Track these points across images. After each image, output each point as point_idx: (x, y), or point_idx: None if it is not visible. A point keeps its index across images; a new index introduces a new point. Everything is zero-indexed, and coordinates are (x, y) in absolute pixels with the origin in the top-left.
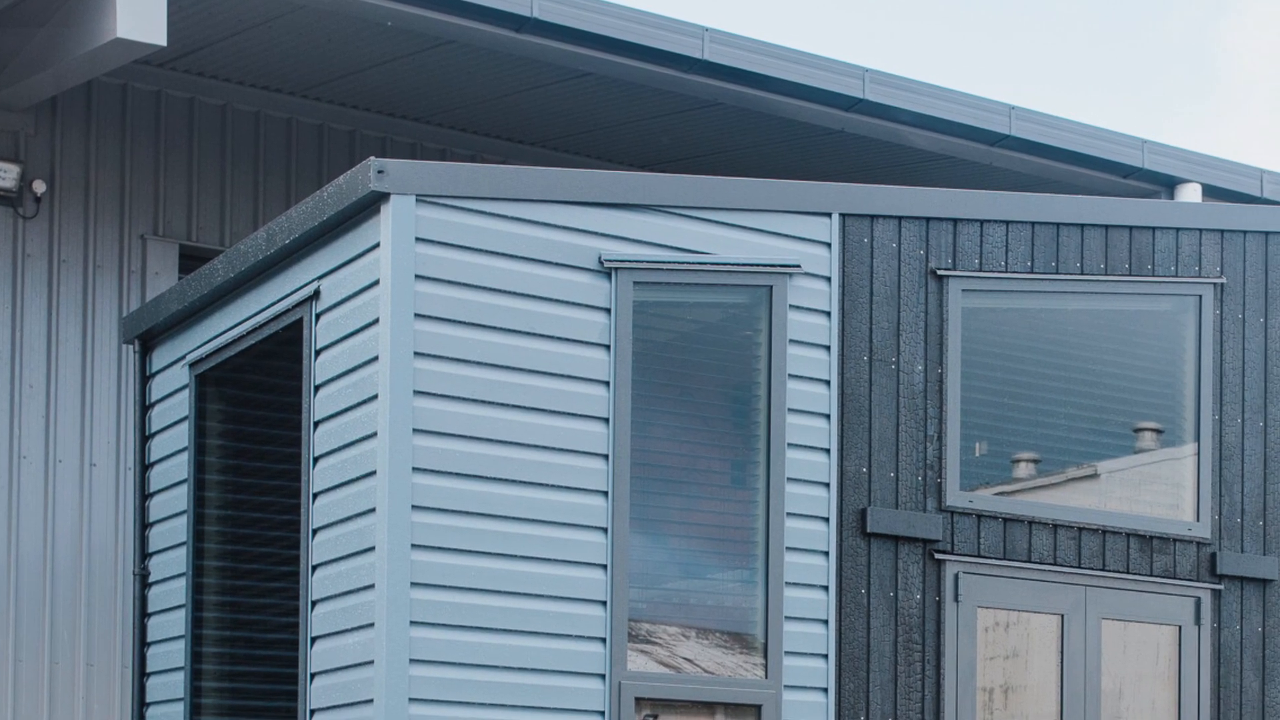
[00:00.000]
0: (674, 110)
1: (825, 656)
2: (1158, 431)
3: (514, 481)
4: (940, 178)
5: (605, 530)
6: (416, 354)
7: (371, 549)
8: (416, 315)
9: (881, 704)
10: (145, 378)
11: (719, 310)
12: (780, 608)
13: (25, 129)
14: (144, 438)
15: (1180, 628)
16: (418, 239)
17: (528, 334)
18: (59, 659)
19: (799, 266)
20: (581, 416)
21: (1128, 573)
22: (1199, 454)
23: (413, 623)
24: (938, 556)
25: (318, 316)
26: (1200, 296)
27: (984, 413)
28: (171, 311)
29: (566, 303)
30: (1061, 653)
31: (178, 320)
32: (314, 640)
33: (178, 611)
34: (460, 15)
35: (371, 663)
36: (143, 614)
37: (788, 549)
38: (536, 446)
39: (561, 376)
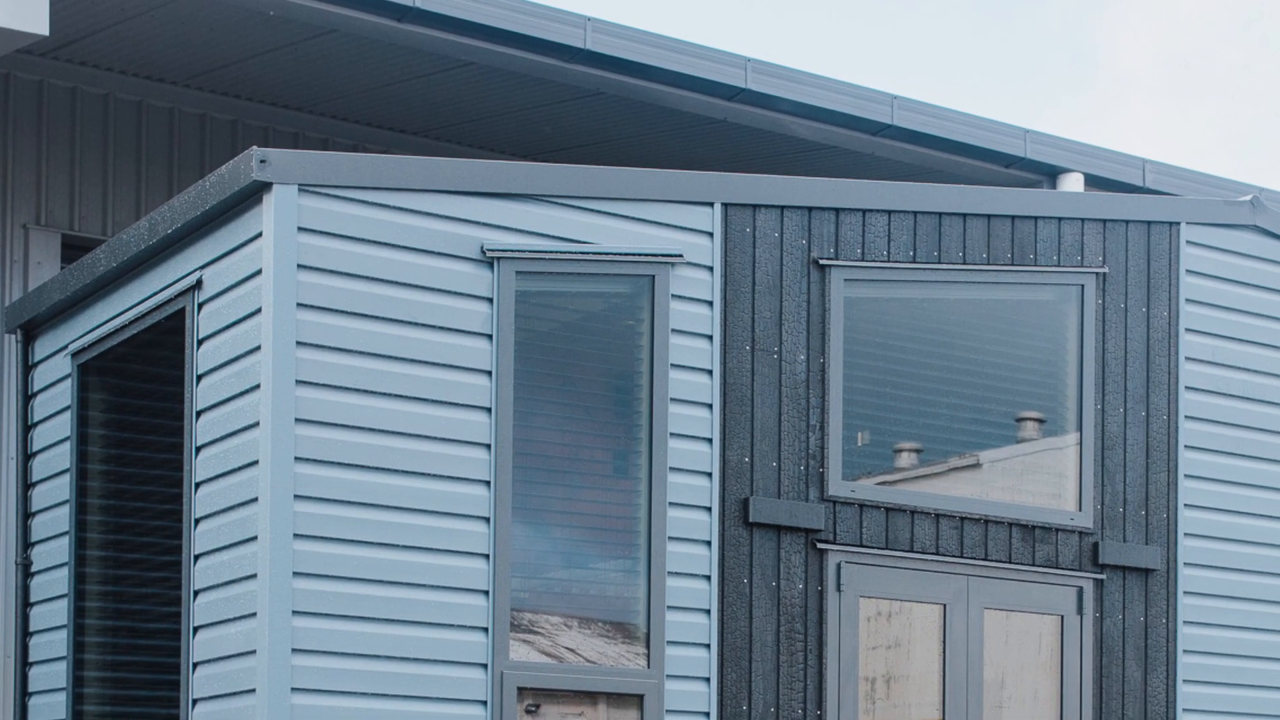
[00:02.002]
0: (557, 100)
1: (707, 646)
2: (1040, 421)
3: (396, 471)
4: (823, 167)
5: (487, 520)
6: (299, 343)
7: (254, 538)
8: (299, 305)
9: (764, 694)
10: (27, 367)
11: (601, 300)
12: (662, 597)
13: None
14: (26, 427)
15: (1063, 617)
16: (300, 228)
17: (410, 324)
18: None
19: (681, 256)
20: (464, 406)
21: (1010, 562)
22: (1081, 443)
23: (295, 612)
24: (820, 546)
25: (200, 306)
26: (1082, 286)
27: (866, 402)
28: (54, 301)
29: (449, 292)
30: (944, 642)
31: (60, 310)
32: (196, 630)
33: (60, 601)
34: (342, 4)
35: (254, 652)
36: (25, 604)
37: (670, 538)
38: (419, 436)
39: (444, 366)
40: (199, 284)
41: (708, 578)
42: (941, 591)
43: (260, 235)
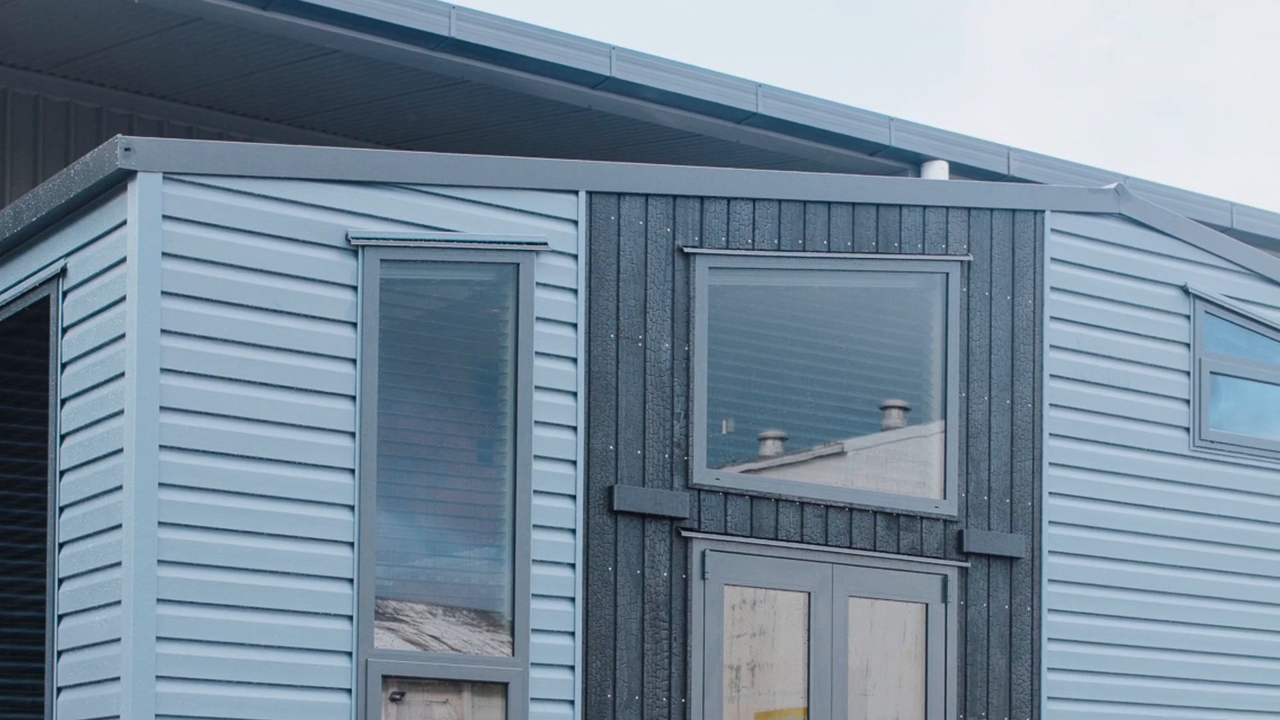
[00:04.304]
0: (421, 88)
1: (572, 634)
2: (905, 409)
3: (261, 459)
4: (688, 155)
5: (352, 508)
6: (163, 331)
7: (118, 526)
8: (163, 293)
9: (629, 681)
10: None
11: (466, 288)
12: (527, 585)
13: None
14: None
15: (927, 605)
16: (164, 216)
17: (275, 311)
18: None
19: (546, 244)
20: (328, 394)
21: (875, 550)
22: (946, 432)
23: (159, 600)
24: (684, 534)
25: (65, 294)
26: (947, 274)
27: (731, 390)
28: None
29: (313, 280)
30: (808, 630)
31: None
32: (61, 618)
33: None
34: None
35: (118, 640)
36: None
37: (535, 527)
38: (283, 424)
39: (308, 354)
40: (64, 272)
41: (572, 566)
42: (806, 579)
43: (125, 223)
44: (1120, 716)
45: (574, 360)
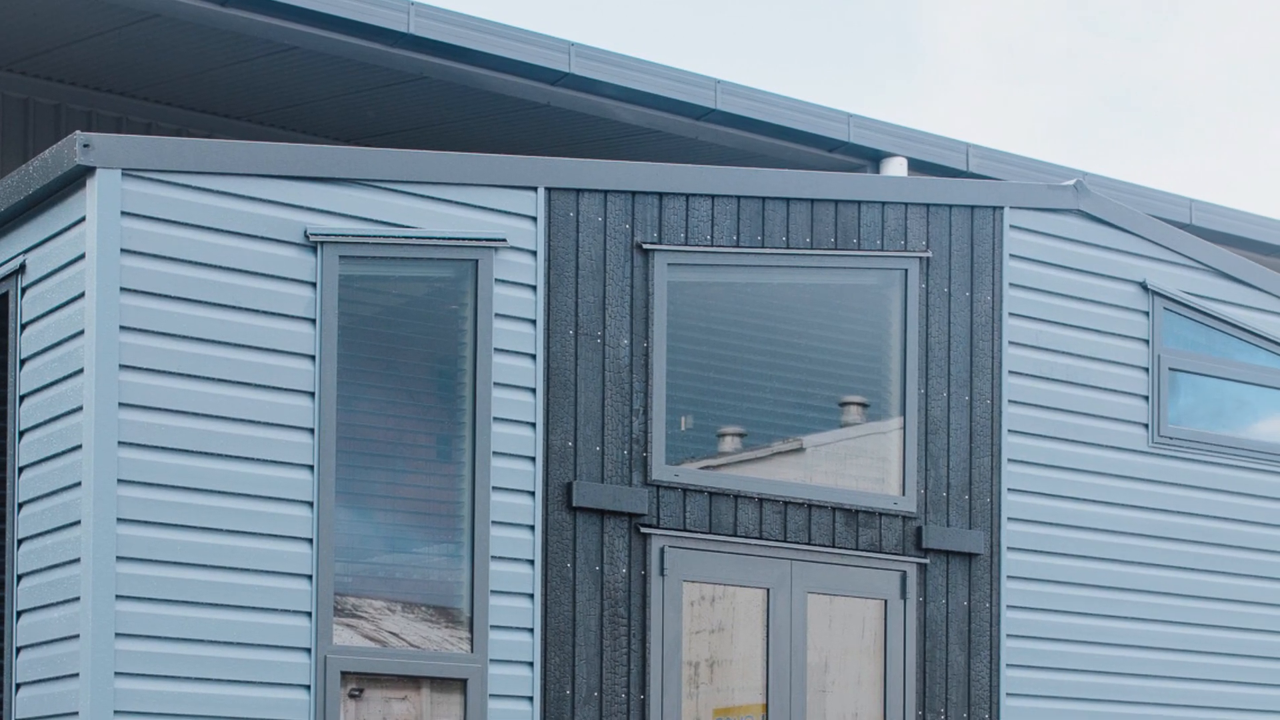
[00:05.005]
0: (380, 84)
1: (531, 630)
2: (864, 405)
3: (220, 455)
4: (646, 152)
5: (311, 504)
6: (122, 328)
7: (77, 523)
8: (122, 289)
9: (587, 678)
10: None
11: (425, 284)
12: (486, 582)
13: None
14: None
15: (886, 601)
16: (123, 213)
17: (234, 308)
18: None
19: (505, 241)
20: (287, 391)
21: (834, 546)
22: (905, 428)
23: (118, 597)
24: (643, 530)
25: (24, 290)
26: (906, 271)
27: (690, 387)
28: None
29: (272, 277)
30: (767, 626)
31: None
32: (20, 614)
33: None
34: None
35: (77, 637)
36: None
37: (493, 523)
38: (242, 420)
39: (267, 351)
40: (22, 268)
41: (531, 562)
42: (765, 576)
43: (84, 220)
44: (1079, 713)
45: (533, 357)
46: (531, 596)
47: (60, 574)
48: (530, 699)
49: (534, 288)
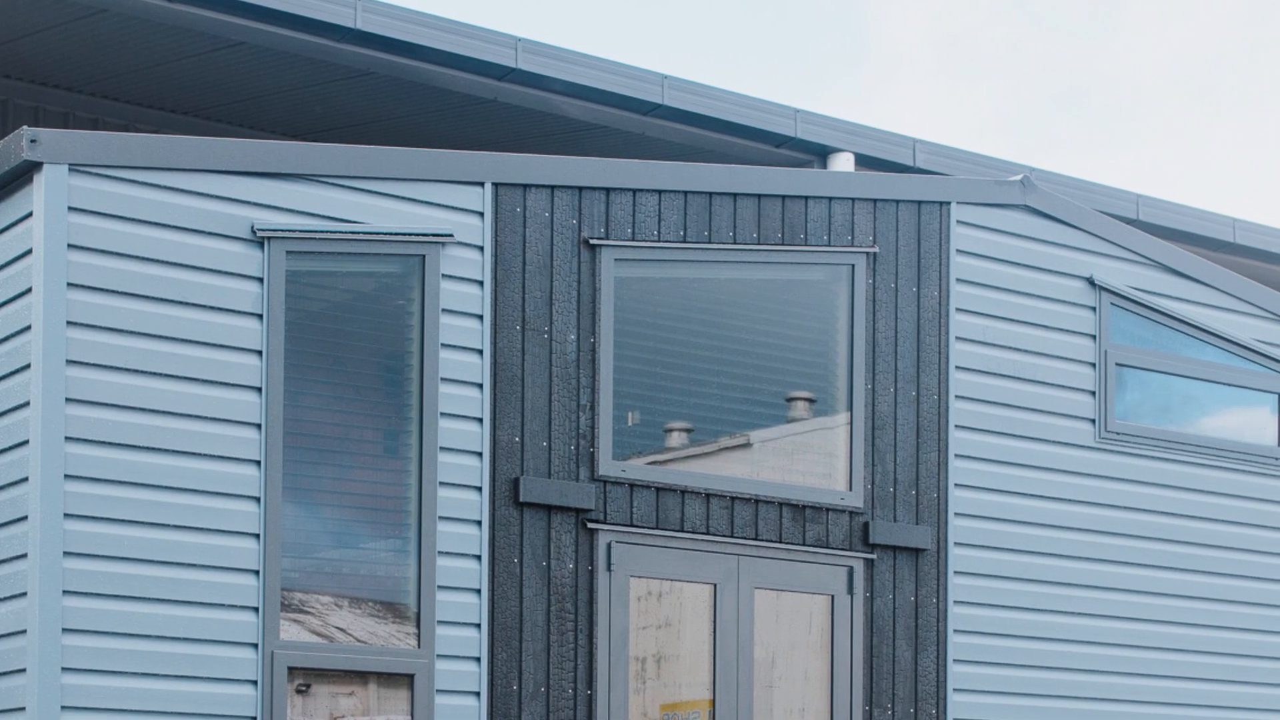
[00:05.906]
0: (327, 80)
1: (478, 626)
2: (810, 401)
3: (167, 450)
4: (594, 147)
5: (258, 499)
6: (69, 323)
7: (24, 518)
8: (69, 285)
9: (534, 673)
10: None
11: (372, 280)
12: (433, 577)
13: None
14: None
15: (833, 597)
16: (70, 208)
17: (181, 303)
18: None
19: (452, 236)
20: (234, 386)
21: (780, 542)
22: (851, 423)
23: (65, 592)
24: (590, 526)
25: None
26: (853, 266)
27: (637, 382)
28: None
29: (219, 272)
30: (714, 622)
31: None
32: None
33: None
34: None
35: (24, 632)
36: None
37: (440, 518)
38: (189, 416)
39: (214, 346)
40: None
41: (478, 557)
42: (712, 571)
43: (30, 215)
44: (1025, 708)
45: (480, 352)
46: (479, 592)
47: (7, 569)
48: (477, 694)
49: (481, 283)
